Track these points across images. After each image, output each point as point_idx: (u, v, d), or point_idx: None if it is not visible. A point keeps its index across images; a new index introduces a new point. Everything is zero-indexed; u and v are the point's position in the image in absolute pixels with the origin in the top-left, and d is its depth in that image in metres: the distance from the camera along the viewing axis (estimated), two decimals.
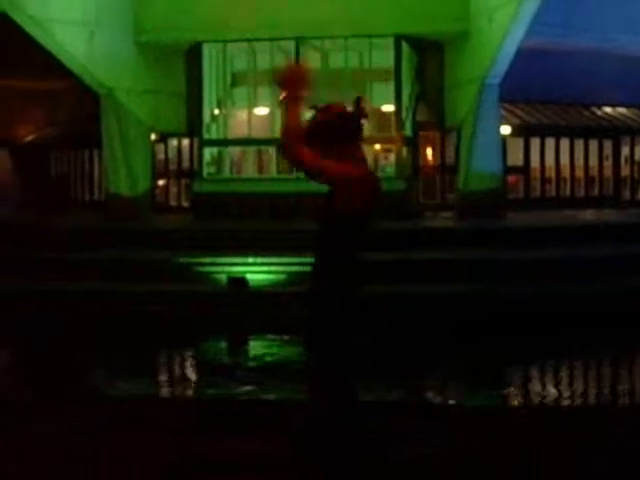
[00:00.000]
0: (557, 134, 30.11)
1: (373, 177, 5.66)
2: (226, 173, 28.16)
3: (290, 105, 5.29)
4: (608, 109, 31.58)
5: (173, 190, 30.88)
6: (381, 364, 13.81)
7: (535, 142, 29.99)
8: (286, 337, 15.62)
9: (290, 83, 5.34)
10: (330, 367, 5.45)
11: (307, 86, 5.37)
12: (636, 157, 31.57)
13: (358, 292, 5.56)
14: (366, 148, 23.39)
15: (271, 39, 26.54)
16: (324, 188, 5.51)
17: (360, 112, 5.55)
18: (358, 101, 5.58)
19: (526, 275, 18.52)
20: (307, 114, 5.59)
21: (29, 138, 36.78)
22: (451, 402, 11.88)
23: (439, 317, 16.71)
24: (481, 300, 17.35)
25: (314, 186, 5.64)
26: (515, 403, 11.98)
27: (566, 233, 21.78)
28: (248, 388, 12.34)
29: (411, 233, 22.10)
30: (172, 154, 30.55)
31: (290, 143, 5.26)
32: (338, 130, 5.44)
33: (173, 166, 30.48)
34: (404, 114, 26.88)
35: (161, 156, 30.22)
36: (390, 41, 26.30)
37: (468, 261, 19.32)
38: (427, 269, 18.89)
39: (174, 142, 30.27)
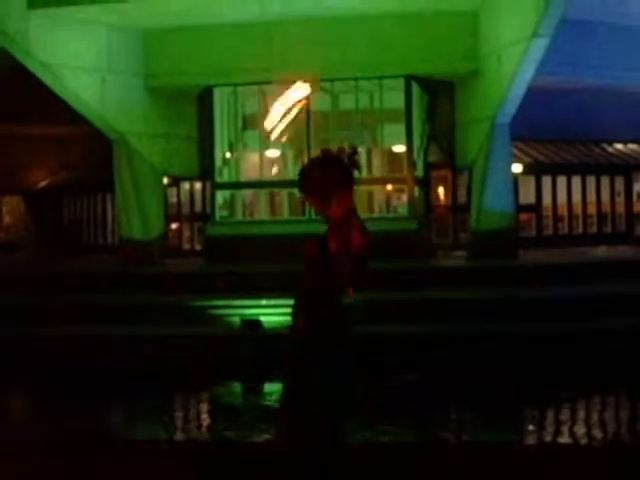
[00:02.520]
0: (568, 172, 30.13)
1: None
2: (239, 216, 28.21)
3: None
4: (619, 145, 31.63)
5: (186, 234, 30.96)
6: (394, 405, 13.78)
7: (547, 180, 30.02)
8: None
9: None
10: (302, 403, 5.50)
11: None
12: None
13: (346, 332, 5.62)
14: (378, 188, 23.56)
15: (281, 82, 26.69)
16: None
17: (352, 163, 5.69)
18: (352, 153, 5.71)
19: (539, 313, 18.45)
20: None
21: (42, 184, 37.01)
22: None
23: (451, 356, 16.64)
24: (494, 339, 17.27)
25: (326, 227, 5.73)
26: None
27: (579, 271, 21.74)
28: (263, 431, 12.30)
29: (424, 272, 22.08)
30: (184, 198, 30.65)
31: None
32: (331, 179, 5.61)
33: (186, 210, 30.56)
34: (415, 154, 26.94)
35: (174, 200, 30.32)
36: (400, 82, 26.39)
37: (481, 300, 19.28)
38: (439, 309, 18.86)
39: (186, 186, 30.37)
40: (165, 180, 28.43)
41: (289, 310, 5.74)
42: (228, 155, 28.51)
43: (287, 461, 5.43)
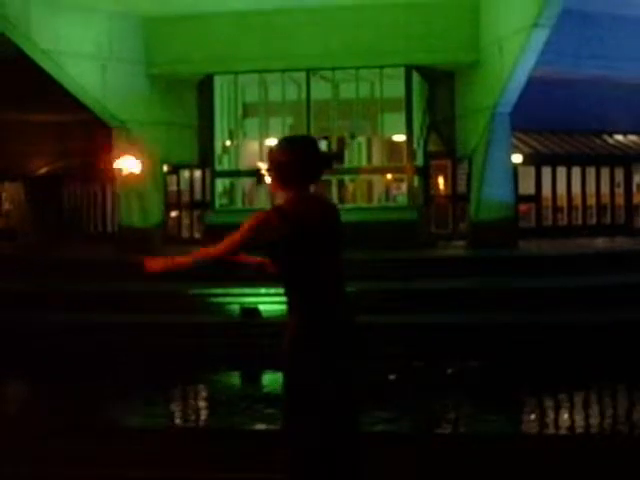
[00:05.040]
0: (568, 162, 30.14)
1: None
2: (238, 204, 28.23)
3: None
4: (619, 137, 31.62)
5: (185, 222, 30.96)
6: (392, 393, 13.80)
7: (547, 171, 30.04)
8: None
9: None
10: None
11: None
12: None
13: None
14: (378, 178, 23.51)
15: (282, 70, 26.69)
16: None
17: (337, 155, 5.44)
18: (341, 144, 5.47)
19: (538, 304, 18.46)
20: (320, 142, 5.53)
21: (42, 170, 36.97)
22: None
23: (451, 346, 16.64)
24: (493, 328, 17.28)
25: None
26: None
27: (578, 262, 21.74)
28: (260, 420, 12.33)
29: (423, 262, 22.07)
30: (184, 186, 30.66)
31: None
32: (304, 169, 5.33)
33: (185, 198, 30.57)
34: (415, 143, 26.94)
35: (173, 188, 30.34)
36: (401, 71, 26.41)
37: (480, 290, 19.29)
38: (439, 298, 18.86)
39: (186, 174, 30.39)
40: (165, 168, 28.45)
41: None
42: (228, 143, 28.53)
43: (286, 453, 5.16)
